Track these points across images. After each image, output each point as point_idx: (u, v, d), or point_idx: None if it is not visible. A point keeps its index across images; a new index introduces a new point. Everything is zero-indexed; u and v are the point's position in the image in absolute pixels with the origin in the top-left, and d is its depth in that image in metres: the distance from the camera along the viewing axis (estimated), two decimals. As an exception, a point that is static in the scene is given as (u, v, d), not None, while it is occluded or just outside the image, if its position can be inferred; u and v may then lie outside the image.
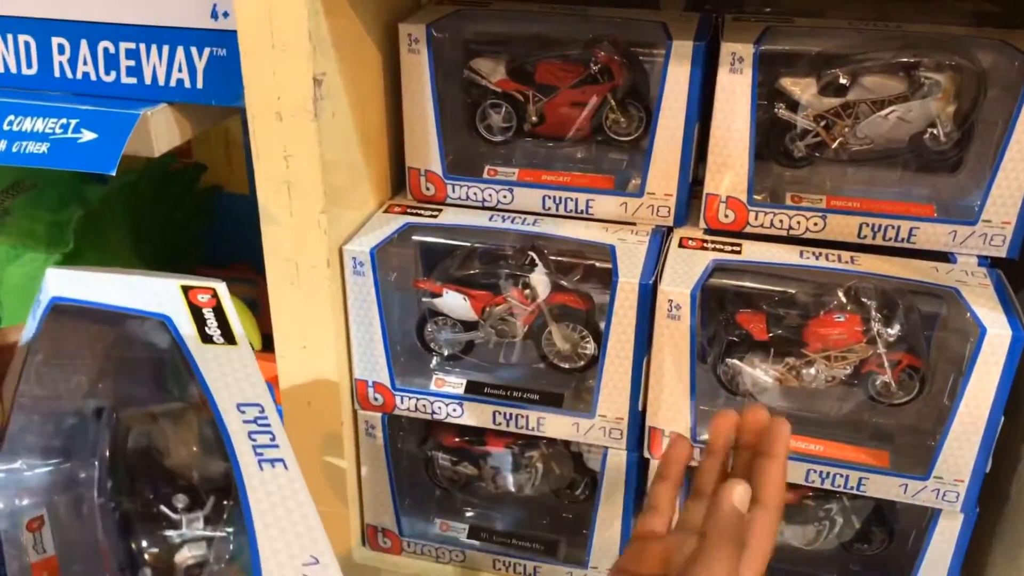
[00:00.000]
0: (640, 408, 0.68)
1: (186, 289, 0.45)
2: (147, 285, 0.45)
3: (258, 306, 0.92)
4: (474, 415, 0.71)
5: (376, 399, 0.72)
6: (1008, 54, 0.62)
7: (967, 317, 0.60)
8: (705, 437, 0.66)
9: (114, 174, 0.60)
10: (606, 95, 0.70)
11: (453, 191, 0.72)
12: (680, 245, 0.68)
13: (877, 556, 0.71)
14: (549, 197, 0.71)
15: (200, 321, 0.44)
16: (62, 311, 0.43)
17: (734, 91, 0.64)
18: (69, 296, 0.43)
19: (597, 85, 0.70)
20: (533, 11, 0.72)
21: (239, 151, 0.96)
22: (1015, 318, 0.59)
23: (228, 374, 0.42)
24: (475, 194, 0.72)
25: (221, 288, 0.45)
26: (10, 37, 0.67)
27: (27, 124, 0.63)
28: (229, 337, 0.44)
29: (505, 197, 0.71)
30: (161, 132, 0.66)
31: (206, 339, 0.43)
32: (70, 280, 0.43)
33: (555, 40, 0.71)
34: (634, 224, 0.70)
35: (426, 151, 0.72)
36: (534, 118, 0.72)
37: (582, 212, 0.71)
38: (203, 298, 0.45)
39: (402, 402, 0.72)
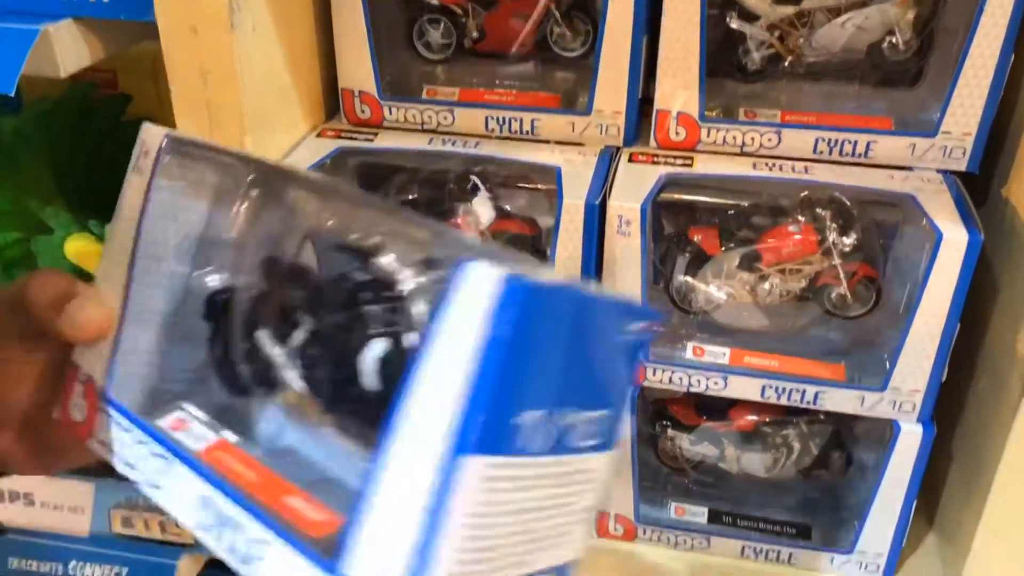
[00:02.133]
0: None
1: None
2: None
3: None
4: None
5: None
6: (969, -47, 0.59)
7: (923, 224, 0.58)
8: (657, 358, 0.65)
9: (12, 95, 0.55)
10: (550, 7, 0.66)
11: (390, 113, 0.68)
12: (630, 160, 0.65)
13: (836, 482, 0.70)
14: (492, 118, 0.67)
15: None
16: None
17: (683, 1, 0.60)
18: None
19: (540, -5, 0.65)
20: (471, -83, 0.67)
21: (167, 82, 0.90)
22: (972, 223, 0.57)
23: None
24: (413, 116, 0.68)
25: None
26: None
27: (-84, 42, 0.58)
28: None
29: (445, 119, 0.67)
30: (67, 50, 0.60)
31: None
32: None
33: (494, -53, 0.66)
34: (582, 144, 0.66)
35: (360, 71, 0.67)
36: (475, 33, 0.68)
37: (527, 133, 0.67)
38: None
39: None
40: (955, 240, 0.56)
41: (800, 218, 0.62)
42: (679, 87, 0.64)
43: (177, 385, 0.45)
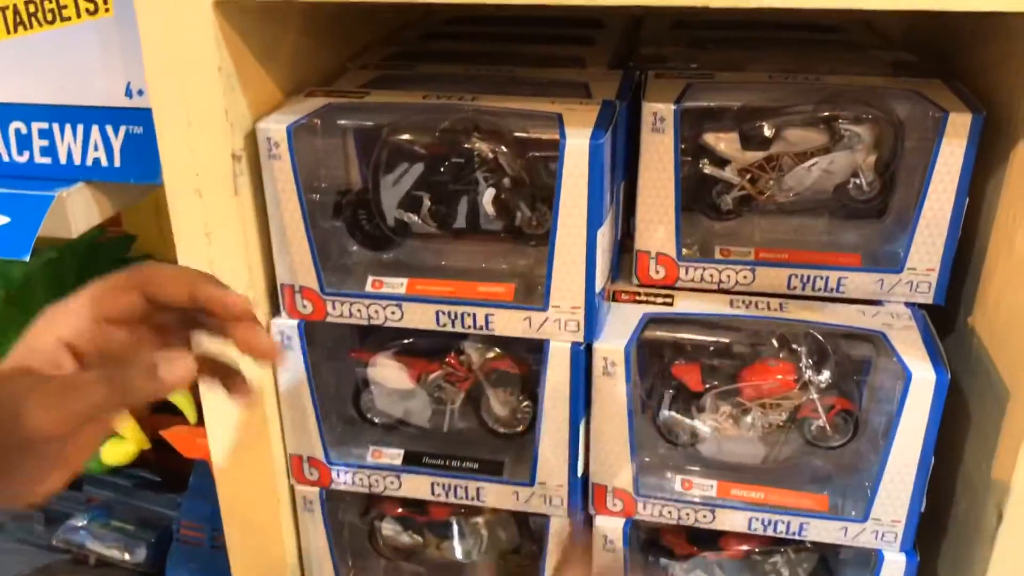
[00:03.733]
0: (583, 469, 0.67)
1: None
2: None
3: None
4: (412, 487, 0.69)
5: (311, 474, 0.70)
6: (922, 105, 0.63)
7: (894, 360, 0.61)
8: (647, 492, 0.67)
9: (27, 259, 0.59)
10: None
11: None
12: (613, 298, 0.68)
13: (826, 606, 0.71)
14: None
15: None
16: None
17: (657, 150, 0.64)
18: None
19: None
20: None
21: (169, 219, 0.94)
22: (939, 361, 0.60)
23: None
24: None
25: None
26: (-81, 120, 0.65)
27: (-63, 209, 0.61)
28: None
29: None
30: (78, 212, 0.64)
31: None
32: None
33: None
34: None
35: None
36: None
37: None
38: None
39: (338, 476, 0.70)
40: (924, 379, 0.59)
41: (779, 354, 0.65)
42: (657, 228, 0.67)
43: (352, 266, 0.67)
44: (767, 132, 0.67)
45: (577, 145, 0.58)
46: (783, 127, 0.67)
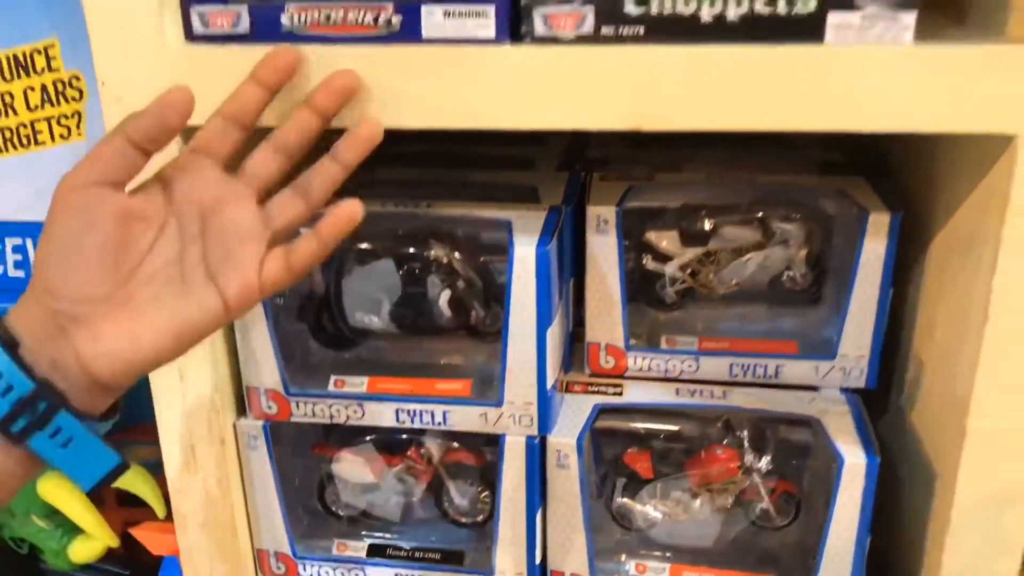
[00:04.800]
0: (540, 556, 0.69)
1: None
2: None
3: (163, 469, 0.91)
4: (377, 578, 0.72)
5: (278, 568, 0.72)
6: (846, 204, 0.68)
7: (828, 446, 0.65)
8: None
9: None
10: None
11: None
12: (566, 389, 0.71)
13: None
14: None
15: None
16: None
17: (602, 250, 0.69)
18: None
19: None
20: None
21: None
22: (870, 445, 0.64)
23: None
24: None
25: None
26: None
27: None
28: None
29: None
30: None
31: None
32: None
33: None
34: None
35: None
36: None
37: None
38: None
39: (304, 569, 0.72)
40: (855, 464, 0.62)
41: (723, 440, 0.68)
42: (605, 321, 0.71)
43: (315, 365, 0.70)
44: (705, 229, 0.71)
45: (525, 252, 0.62)
46: (720, 225, 0.71)
